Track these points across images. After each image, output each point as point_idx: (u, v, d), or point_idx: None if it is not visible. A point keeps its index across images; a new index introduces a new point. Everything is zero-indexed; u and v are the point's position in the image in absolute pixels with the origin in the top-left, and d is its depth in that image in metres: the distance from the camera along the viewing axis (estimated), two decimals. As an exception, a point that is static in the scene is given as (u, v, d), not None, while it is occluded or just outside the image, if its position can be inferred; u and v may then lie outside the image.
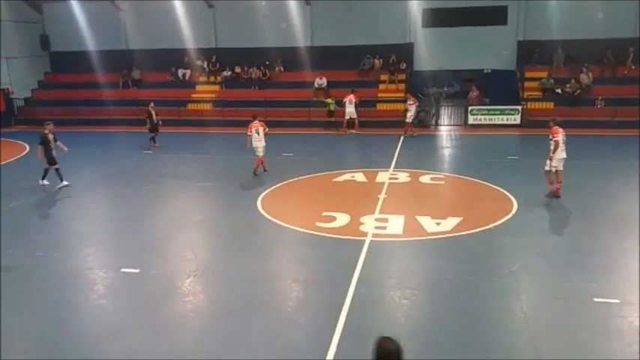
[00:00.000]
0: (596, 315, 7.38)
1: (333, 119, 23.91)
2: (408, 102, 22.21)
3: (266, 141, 15.48)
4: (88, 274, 9.25)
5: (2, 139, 13.58)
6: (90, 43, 27.39)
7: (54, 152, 14.53)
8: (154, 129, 20.25)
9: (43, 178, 14.63)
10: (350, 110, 22.97)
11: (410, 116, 22.03)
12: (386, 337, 3.64)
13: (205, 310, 8.03)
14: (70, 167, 15.11)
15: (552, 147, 12.39)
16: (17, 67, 27.34)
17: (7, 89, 27.01)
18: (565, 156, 12.54)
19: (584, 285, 8.20)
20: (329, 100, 24.23)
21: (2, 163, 13.53)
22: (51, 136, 14.57)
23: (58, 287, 8.58)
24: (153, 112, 20.18)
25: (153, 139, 20.17)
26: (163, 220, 12.14)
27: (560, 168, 12.56)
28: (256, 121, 15.49)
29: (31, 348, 6.94)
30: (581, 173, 14.40)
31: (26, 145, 21.10)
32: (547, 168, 12.68)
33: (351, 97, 22.96)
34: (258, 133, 15.31)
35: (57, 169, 14.61)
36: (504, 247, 10.07)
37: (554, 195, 12.58)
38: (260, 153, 15.41)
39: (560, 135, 12.44)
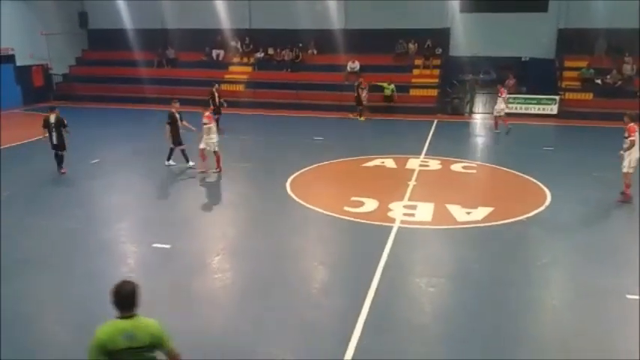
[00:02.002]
0: (628, 312, 7.19)
1: (392, 104, 23.58)
2: (498, 94, 19.77)
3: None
4: (121, 247, 9.54)
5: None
6: (127, 21, 27.71)
7: (180, 132, 14.10)
8: (216, 111, 19.75)
9: (169, 159, 14.38)
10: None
11: (500, 109, 19.46)
12: (124, 280, 4.17)
13: (232, 287, 8.17)
14: (105, 144, 15.43)
15: (626, 146, 11.38)
16: (56, 43, 27.86)
17: (46, 65, 27.68)
18: None
19: (616, 281, 8.01)
20: (385, 84, 23.88)
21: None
22: (177, 115, 14.04)
23: (91, 259, 8.82)
24: (216, 94, 19.81)
25: (216, 120, 20.05)
26: (194, 199, 12.33)
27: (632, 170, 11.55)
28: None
29: (65, 316, 7.21)
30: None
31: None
32: (625, 170, 11.47)
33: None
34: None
35: (183, 150, 14.23)
36: (535, 240, 9.91)
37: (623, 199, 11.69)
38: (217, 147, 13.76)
39: (637, 134, 11.22)
